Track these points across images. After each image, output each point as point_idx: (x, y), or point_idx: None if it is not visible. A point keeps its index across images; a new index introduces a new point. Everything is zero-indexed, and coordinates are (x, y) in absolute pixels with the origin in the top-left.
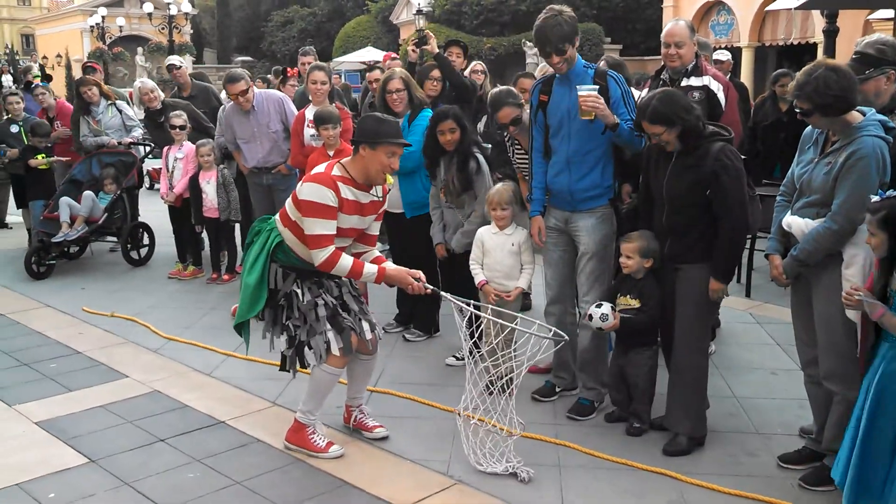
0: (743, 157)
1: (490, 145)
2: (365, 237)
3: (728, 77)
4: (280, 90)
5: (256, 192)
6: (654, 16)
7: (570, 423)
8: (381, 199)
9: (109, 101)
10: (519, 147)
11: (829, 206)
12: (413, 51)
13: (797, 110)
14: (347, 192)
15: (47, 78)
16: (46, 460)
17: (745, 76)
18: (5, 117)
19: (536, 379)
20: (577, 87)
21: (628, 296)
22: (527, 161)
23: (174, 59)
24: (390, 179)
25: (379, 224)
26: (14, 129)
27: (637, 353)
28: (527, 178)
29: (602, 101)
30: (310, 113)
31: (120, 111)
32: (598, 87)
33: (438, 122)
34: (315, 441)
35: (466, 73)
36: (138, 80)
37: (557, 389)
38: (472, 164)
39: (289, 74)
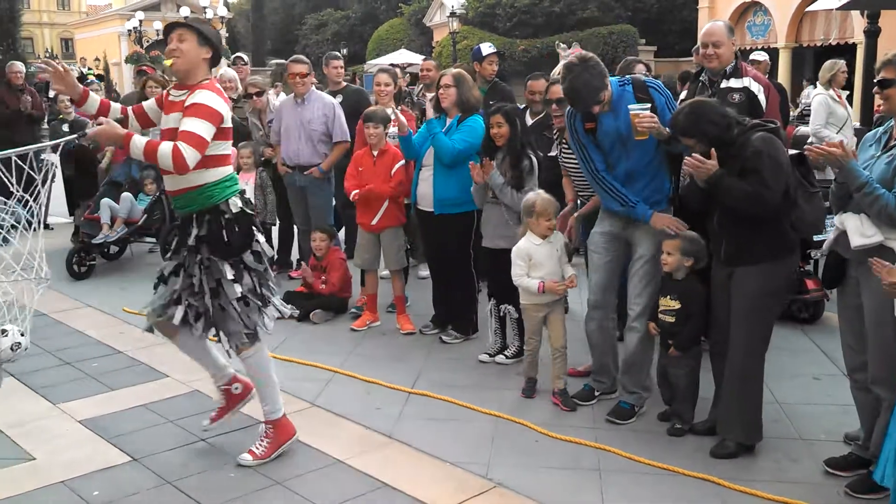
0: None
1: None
2: None
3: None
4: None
5: (291, 192)
6: (689, 17)
7: (609, 426)
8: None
9: None
10: (567, 147)
11: None
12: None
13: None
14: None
15: (100, 77)
16: (90, 458)
17: (783, 77)
18: (58, 117)
19: (575, 382)
20: (629, 106)
21: (668, 297)
22: (573, 158)
23: (241, 55)
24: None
25: None
26: (65, 127)
27: (674, 354)
28: (572, 176)
29: (656, 119)
30: None
31: None
32: (649, 105)
33: (490, 115)
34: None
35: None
36: (223, 70)
37: (596, 393)
38: (526, 162)
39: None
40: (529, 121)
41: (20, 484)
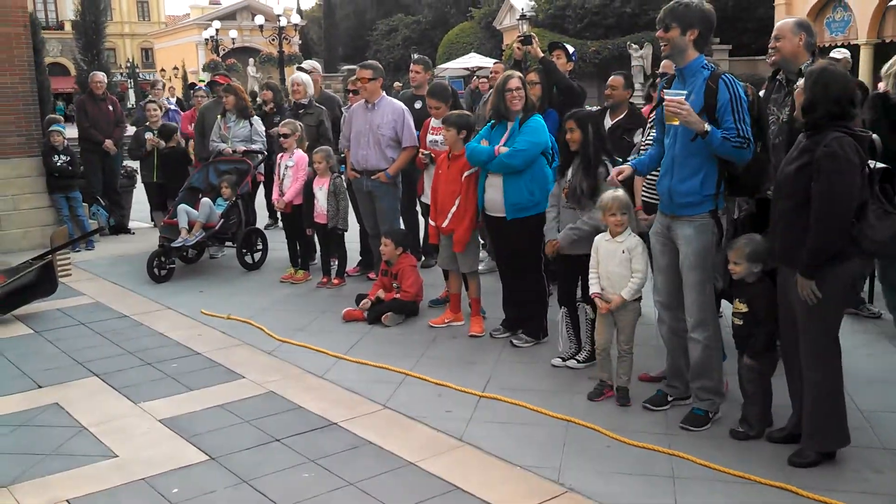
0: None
1: None
2: None
3: None
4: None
5: (359, 197)
6: (765, 14)
7: (683, 433)
8: None
9: (243, 114)
10: (648, 140)
11: None
12: (518, 48)
13: None
14: None
15: (210, 85)
16: (170, 456)
17: (864, 75)
18: (145, 124)
19: (648, 387)
20: (664, 91)
21: (738, 300)
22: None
23: (307, 64)
24: None
25: None
26: (148, 135)
27: (743, 358)
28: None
29: (687, 107)
30: (436, 120)
31: (251, 124)
32: (685, 92)
33: (565, 120)
34: None
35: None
36: (294, 74)
37: (669, 399)
38: (602, 170)
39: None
40: (609, 121)
41: (104, 480)
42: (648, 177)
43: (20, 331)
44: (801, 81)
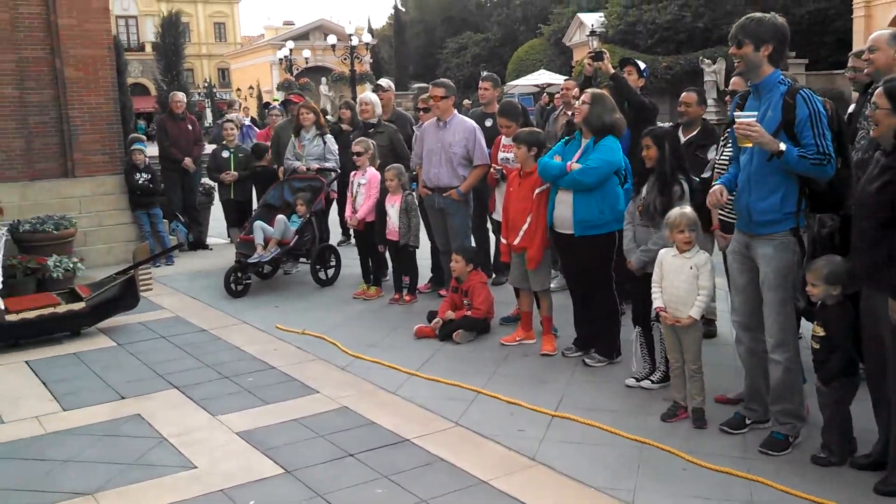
0: None
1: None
2: None
3: None
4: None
5: (431, 214)
6: (843, 27)
7: (762, 457)
8: None
9: (319, 132)
10: (725, 156)
11: None
12: (589, 64)
13: None
14: None
15: (284, 104)
16: (247, 469)
17: None
18: (221, 143)
19: (725, 410)
20: (735, 113)
21: (816, 323)
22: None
23: (383, 82)
24: None
25: None
26: (225, 154)
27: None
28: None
29: (758, 128)
30: (507, 138)
31: (325, 142)
32: (755, 114)
33: (642, 137)
34: None
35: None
36: (363, 93)
37: (748, 421)
38: (677, 188)
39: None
40: (682, 138)
41: (184, 490)
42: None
43: (104, 343)
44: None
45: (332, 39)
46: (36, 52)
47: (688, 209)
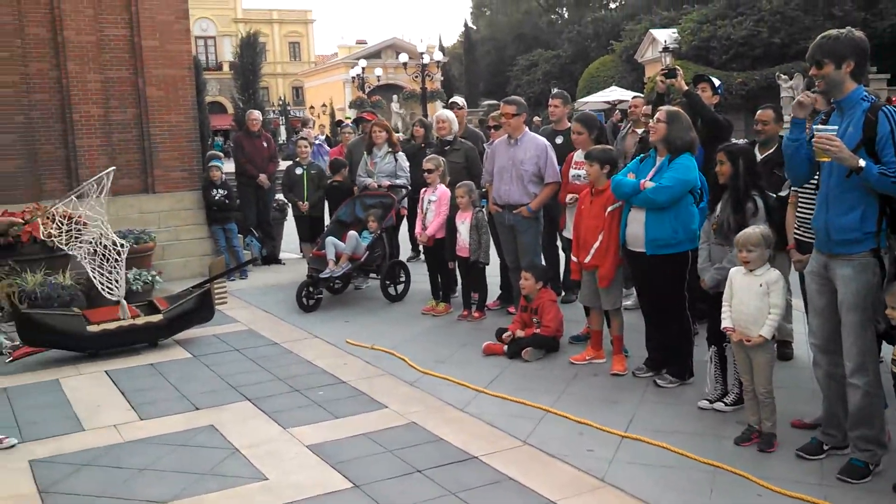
0: None
1: None
2: None
3: None
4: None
5: (501, 231)
6: None
7: (840, 485)
8: None
9: (391, 149)
10: None
11: None
12: (661, 81)
13: None
14: None
15: (357, 122)
16: (317, 482)
17: None
18: (295, 160)
19: (801, 435)
20: (815, 126)
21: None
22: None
23: (457, 99)
24: None
25: None
26: (298, 171)
27: None
28: (800, 206)
29: (838, 143)
30: (578, 155)
31: (396, 160)
32: (836, 128)
33: (716, 153)
34: None
35: None
36: (439, 111)
37: (825, 447)
38: (750, 206)
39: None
40: (759, 156)
41: (256, 501)
42: (800, 214)
43: (180, 355)
44: None
45: (403, 57)
46: (120, 73)
47: (757, 228)
